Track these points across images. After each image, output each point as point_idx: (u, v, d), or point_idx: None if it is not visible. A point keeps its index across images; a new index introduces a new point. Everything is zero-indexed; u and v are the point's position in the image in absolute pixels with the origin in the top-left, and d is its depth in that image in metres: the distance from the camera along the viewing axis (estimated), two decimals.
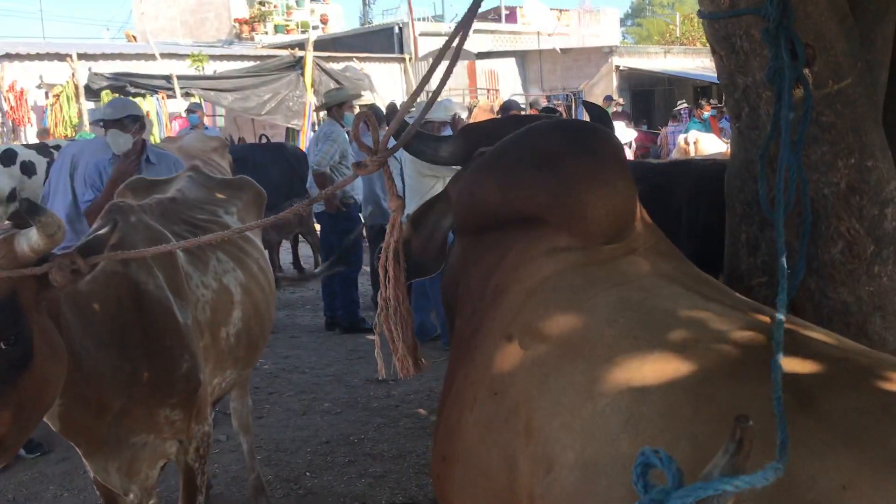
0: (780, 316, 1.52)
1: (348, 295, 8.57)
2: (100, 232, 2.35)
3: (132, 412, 2.85)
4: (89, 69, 16.05)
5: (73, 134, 14.52)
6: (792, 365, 1.51)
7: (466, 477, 1.93)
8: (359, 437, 5.84)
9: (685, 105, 18.43)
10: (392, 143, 2.12)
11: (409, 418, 6.19)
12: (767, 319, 1.69)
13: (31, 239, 2.13)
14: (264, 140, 13.54)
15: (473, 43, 22.71)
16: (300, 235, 11.63)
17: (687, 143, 11.72)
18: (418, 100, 7.30)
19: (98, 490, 3.13)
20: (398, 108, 9.75)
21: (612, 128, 2.74)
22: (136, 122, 5.47)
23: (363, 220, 8.74)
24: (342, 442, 5.76)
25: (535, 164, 2.03)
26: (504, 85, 25.33)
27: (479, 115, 11.19)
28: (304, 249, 12.20)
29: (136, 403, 2.84)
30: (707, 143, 11.36)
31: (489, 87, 25.04)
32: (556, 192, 1.99)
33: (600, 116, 2.61)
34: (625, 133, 14.91)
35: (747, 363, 1.54)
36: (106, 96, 15.06)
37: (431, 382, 6.62)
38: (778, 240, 1.74)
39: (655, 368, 1.61)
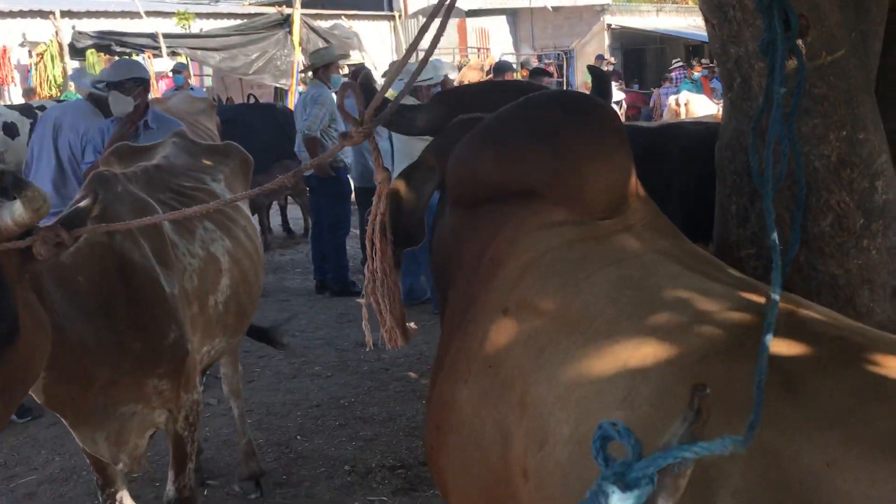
0: (775, 296, 1.51)
1: (338, 259, 8.55)
2: (81, 204, 2.32)
3: (119, 383, 2.84)
4: (73, 27, 15.81)
5: (59, 94, 14.33)
6: (787, 344, 1.51)
7: (459, 448, 1.93)
8: (349, 401, 5.87)
9: (680, 64, 18.28)
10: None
11: (399, 381, 6.22)
12: (765, 299, 1.68)
13: (14, 213, 2.10)
14: (252, 100, 13.38)
15: (464, 0, 22.43)
16: (290, 197, 11.58)
17: (678, 104, 11.66)
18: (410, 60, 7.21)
19: (88, 458, 3.13)
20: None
21: (611, 94, 2.71)
22: (139, 84, 5.40)
23: (352, 183, 8.69)
24: (332, 405, 5.79)
25: (534, 138, 2.00)
26: (495, 44, 25.10)
27: (469, 75, 11.11)
28: (294, 211, 12.15)
29: (124, 374, 2.83)
30: (698, 105, 11.31)
31: (480, 45, 24.81)
32: (554, 167, 1.96)
33: (602, 82, 2.58)
34: (614, 94, 14.82)
35: (745, 343, 1.54)
36: (91, 56, 14.85)
37: (422, 346, 6.65)
38: (768, 217, 1.73)
39: (653, 348, 1.61)
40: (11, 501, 4.46)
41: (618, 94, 14.87)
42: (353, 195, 8.91)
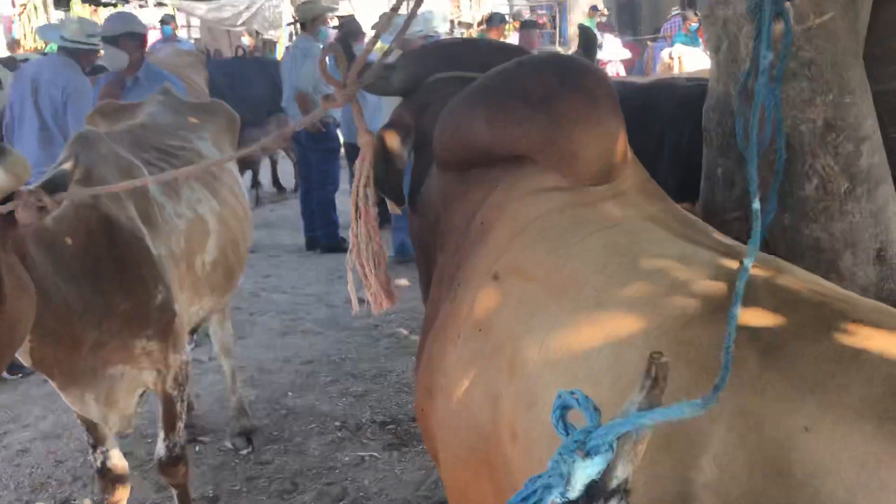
0: (748, 263, 1.53)
1: (327, 216, 8.54)
2: (63, 166, 2.31)
3: (107, 345, 2.86)
4: None
5: (44, 46, 14.12)
6: (768, 310, 1.52)
7: (449, 410, 1.96)
8: (340, 357, 5.91)
9: (678, 12, 17.95)
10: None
11: (389, 338, 6.27)
12: (754, 263, 1.69)
13: None
14: (241, 53, 13.21)
15: None
16: (282, 151, 11.51)
17: (671, 58, 11.53)
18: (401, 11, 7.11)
19: (78, 418, 3.16)
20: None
21: (595, 54, 2.69)
22: (134, 38, 5.34)
23: (341, 138, 8.64)
24: (323, 362, 5.83)
25: (526, 102, 1.98)
26: None
27: None
28: (285, 165, 12.07)
29: (111, 336, 2.85)
30: (691, 60, 11.18)
31: None
32: (547, 132, 1.95)
33: (588, 41, 2.55)
34: (619, 51, 14.62)
35: (727, 307, 1.55)
36: (75, 5, 14.61)
37: (413, 302, 6.64)
38: (751, 184, 1.73)
39: (639, 314, 1.62)
40: (4, 458, 4.51)
41: (622, 53, 14.63)
42: (342, 150, 8.87)
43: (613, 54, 14.15)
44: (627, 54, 15.05)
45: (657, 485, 1.44)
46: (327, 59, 2.39)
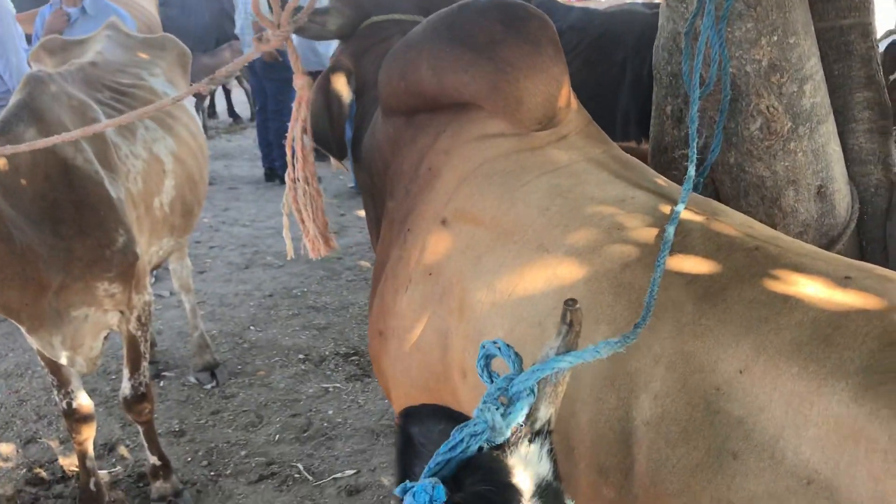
0: (679, 208, 1.59)
1: (284, 145, 8.44)
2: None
3: (71, 288, 2.87)
4: None
5: None
6: (705, 255, 1.59)
7: (401, 351, 2.02)
8: (302, 290, 5.96)
9: None
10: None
11: (350, 270, 6.31)
12: (689, 207, 1.75)
13: None
14: None
15: None
16: (235, 80, 11.30)
17: None
18: None
19: (42, 360, 3.19)
20: None
21: None
22: None
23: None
24: (285, 295, 5.88)
25: (471, 48, 1.99)
26: None
27: None
28: (239, 94, 11.87)
29: (74, 279, 2.86)
30: None
31: None
32: (492, 78, 1.97)
33: None
34: None
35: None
36: None
37: None
38: (691, 126, 1.78)
39: (580, 257, 1.68)
40: None
41: None
42: None
43: None
44: None
45: (601, 422, 1.52)
46: None
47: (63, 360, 3.05)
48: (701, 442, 1.38)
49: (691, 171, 1.70)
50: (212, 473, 3.80)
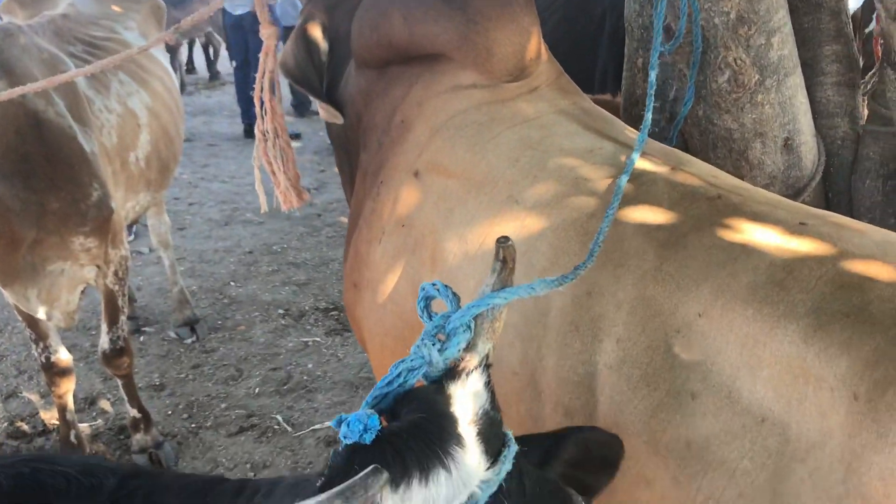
0: (634, 156, 1.63)
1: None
2: None
3: (45, 242, 2.88)
4: None
5: None
6: (668, 204, 1.62)
7: (375, 302, 2.05)
8: (282, 247, 5.98)
9: None
10: None
11: (330, 227, 6.33)
12: (653, 158, 1.78)
13: None
14: None
15: None
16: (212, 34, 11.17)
17: None
18: None
19: (19, 314, 3.20)
20: None
21: None
22: None
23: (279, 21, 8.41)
24: (265, 251, 5.89)
25: (443, 0, 2.01)
26: None
27: None
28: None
29: (49, 233, 2.86)
30: None
31: None
32: (463, 30, 1.98)
33: None
34: None
35: (630, 199, 1.65)
36: None
37: None
38: (651, 73, 1.80)
39: (548, 207, 1.72)
40: None
41: None
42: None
43: None
44: None
45: (566, 367, 1.56)
46: None
47: (40, 315, 3.06)
48: (661, 384, 1.43)
49: (648, 118, 1.74)
50: (192, 426, 3.85)
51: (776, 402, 1.29)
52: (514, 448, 0.99)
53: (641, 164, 1.73)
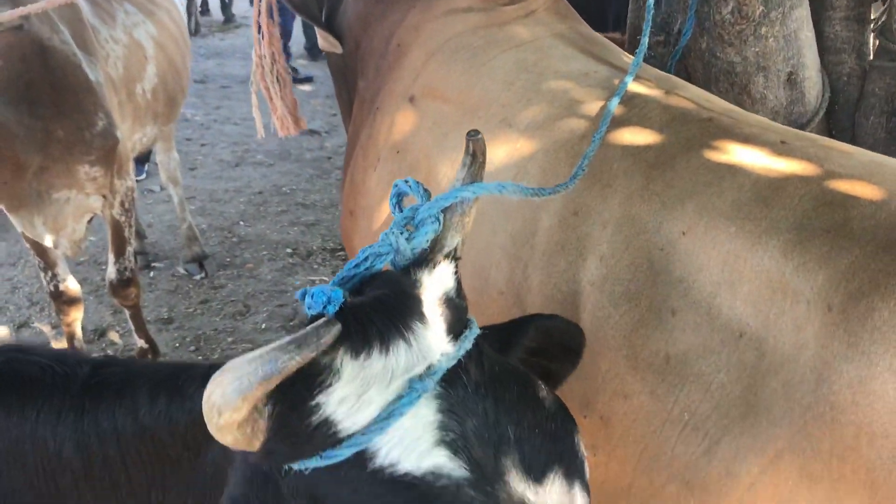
0: (628, 79, 1.62)
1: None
2: None
3: (51, 170, 2.90)
4: None
5: None
6: (659, 126, 1.62)
7: (370, 230, 2.07)
8: (291, 188, 6.00)
9: None
10: None
11: (340, 170, 6.32)
12: (647, 82, 1.77)
13: None
14: None
15: None
16: None
17: None
18: None
19: (28, 243, 3.24)
20: None
21: None
22: None
23: None
24: (275, 192, 5.92)
25: None
26: None
27: None
28: None
29: (54, 161, 2.89)
30: None
31: None
32: None
33: None
34: None
35: (622, 122, 1.64)
36: None
37: None
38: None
39: (540, 130, 1.72)
40: None
41: None
42: None
43: None
44: None
45: (550, 285, 1.58)
46: None
47: (47, 242, 3.10)
48: (643, 300, 1.44)
49: (644, 42, 1.72)
50: (199, 358, 3.91)
51: (754, 317, 1.30)
52: (475, 331, 1.01)
53: (635, 87, 1.72)
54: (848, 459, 1.16)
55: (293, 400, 0.90)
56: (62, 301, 3.35)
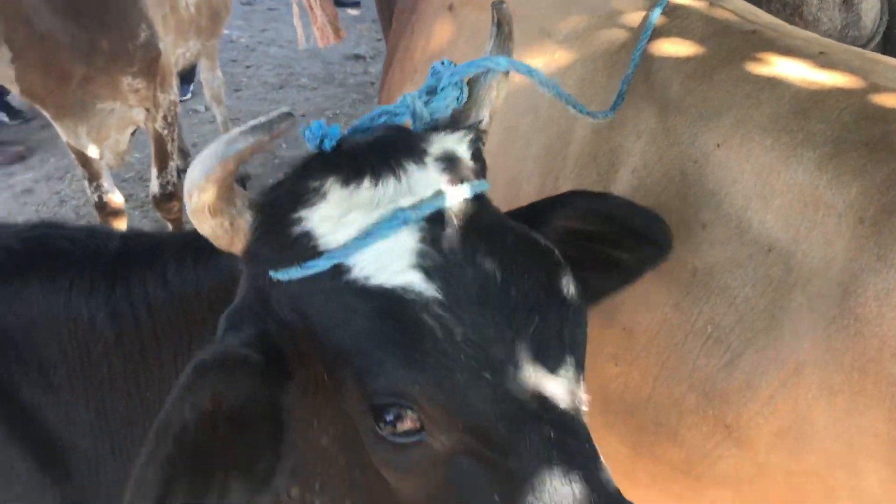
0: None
1: None
2: None
3: (95, 80, 2.94)
4: None
5: None
6: (700, 38, 1.58)
7: None
8: (334, 112, 5.98)
9: None
10: None
11: None
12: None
13: None
14: None
15: None
16: None
17: None
18: None
19: (73, 153, 3.30)
20: None
21: None
22: None
23: None
24: (317, 116, 5.90)
25: None
26: None
27: None
28: None
29: (98, 71, 2.92)
30: None
31: None
32: None
33: None
34: None
35: (663, 33, 1.60)
36: None
37: None
38: None
39: (580, 39, 1.68)
40: (11, 197, 4.72)
41: None
42: None
43: None
44: None
45: None
46: None
47: (91, 153, 3.15)
48: (672, 213, 1.42)
49: None
50: None
51: (784, 231, 1.28)
52: (481, 186, 1.01)
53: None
54: (869, 372, 1.14)
55: (277, 211, 0.97)
56: (106, 212, 3.42)
